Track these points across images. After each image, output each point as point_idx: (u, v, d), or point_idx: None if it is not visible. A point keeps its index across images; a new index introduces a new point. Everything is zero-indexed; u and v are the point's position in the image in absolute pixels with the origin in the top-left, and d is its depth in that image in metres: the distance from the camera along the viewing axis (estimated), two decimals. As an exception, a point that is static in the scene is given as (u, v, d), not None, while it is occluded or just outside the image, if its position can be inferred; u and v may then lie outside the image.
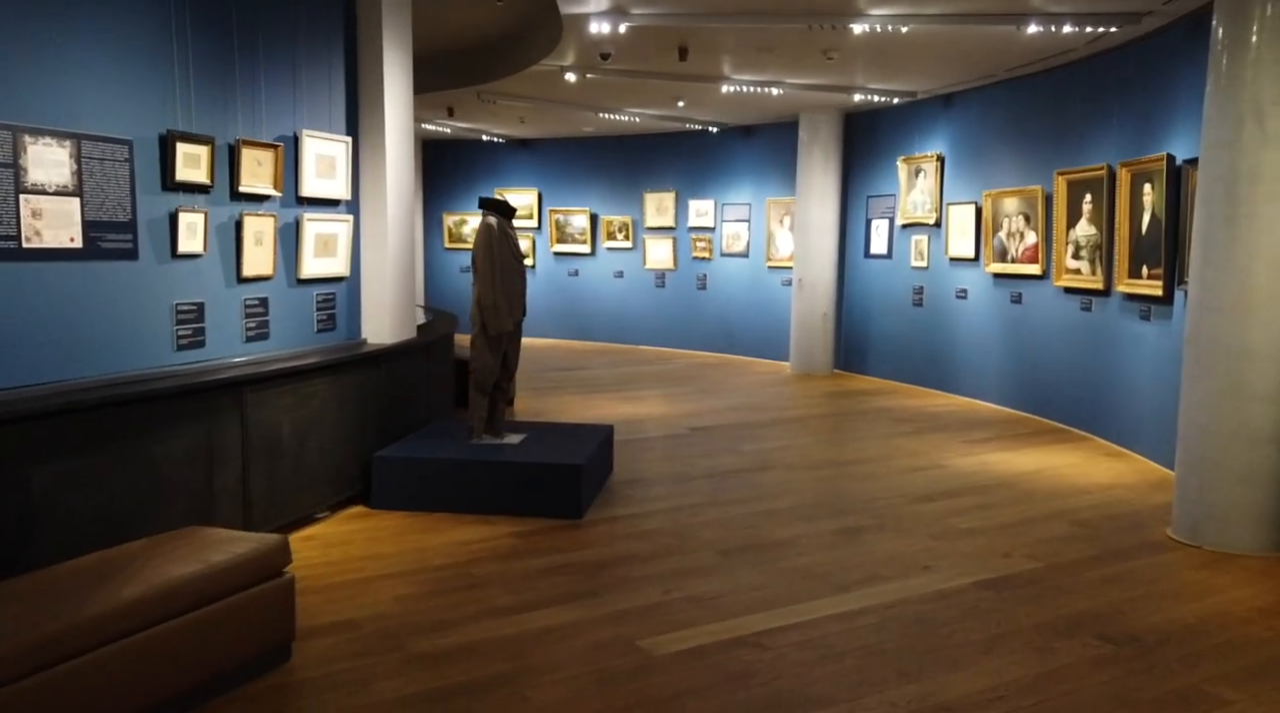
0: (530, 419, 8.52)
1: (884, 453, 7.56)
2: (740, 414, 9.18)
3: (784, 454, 7.44)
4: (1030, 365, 9.30)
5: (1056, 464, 7.26)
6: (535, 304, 16.30)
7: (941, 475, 6.84)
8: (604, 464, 6.38)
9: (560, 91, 10.36)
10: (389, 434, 5.98)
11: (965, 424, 8.84)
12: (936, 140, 10.70)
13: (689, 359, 13.37)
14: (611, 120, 12.53)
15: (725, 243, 13.76)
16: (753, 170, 13.37)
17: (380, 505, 5.56)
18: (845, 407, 9.79)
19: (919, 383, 11.08)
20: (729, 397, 10.24)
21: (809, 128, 11.86)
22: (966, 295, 10.26)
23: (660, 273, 14.52)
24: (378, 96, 5.93)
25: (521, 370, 12.61)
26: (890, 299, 11.53)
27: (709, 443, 7.82)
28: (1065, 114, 8.72)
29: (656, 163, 14.36)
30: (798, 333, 12.15)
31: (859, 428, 8.64)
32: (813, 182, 11.90)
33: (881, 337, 11.75)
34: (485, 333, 5.81)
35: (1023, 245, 9.28)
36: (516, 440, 6.06)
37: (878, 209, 11.74)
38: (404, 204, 6.27)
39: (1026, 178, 9.22)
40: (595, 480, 6.00)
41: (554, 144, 15.14)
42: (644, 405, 9.55)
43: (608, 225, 14.84)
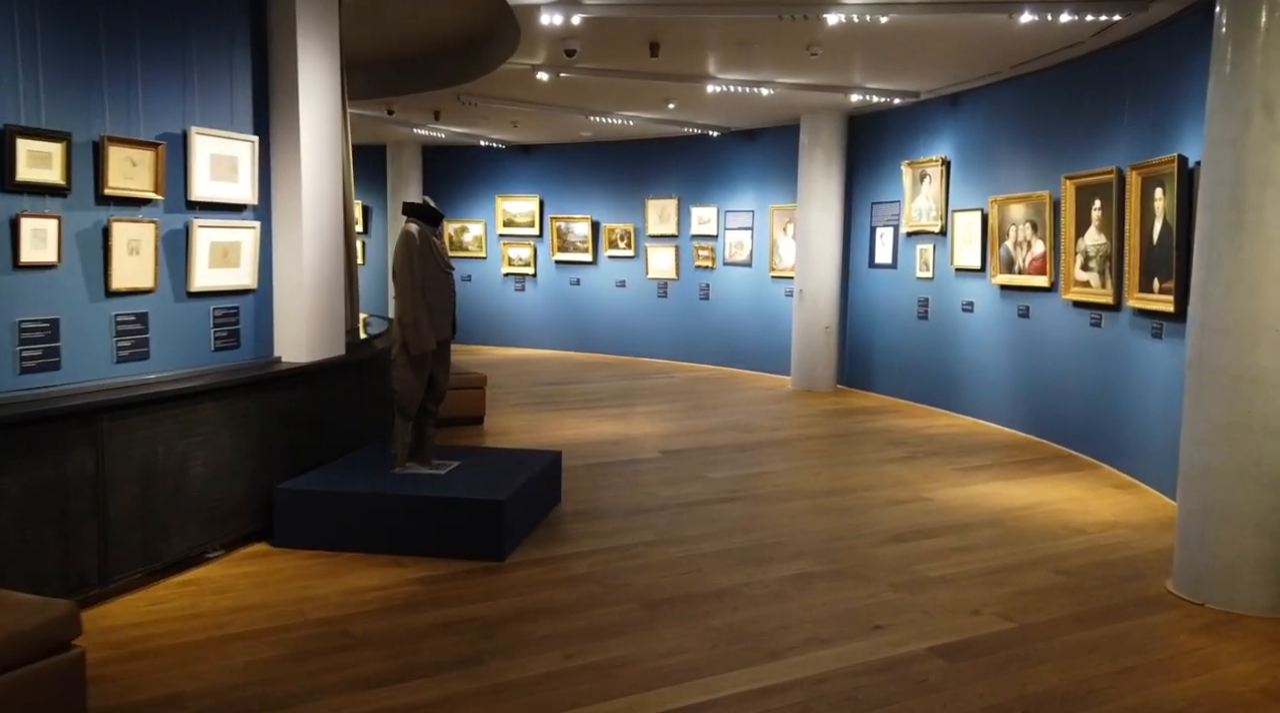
0: (477, 443, 8.02)
1: (867, 482, 6.93)
2: (725, 435, 8.59)
3: (756, 483, 6.85)
4: (1037, 385, 8.60)
5: (1055, 498, 6.58)
6: (537, 313, 15.96)
7: (924, 510, 6.20)
8: (544, 496, 5.85)
9: (539, 92, 9.88)
10: (306, 462, 5.50)
11: (964, 449, 8.17)
12: (942, 143, 10.03)
13: (690, 373, 12.80)
14: (609, 125, 12.03)
15: (728, 251, 13.17)
16: (755, 176, 12.77)
17: (284, 544, 5.07)
18: (840, 427, 9.16)
19: (923, 401, 10.40)
20: (719, 415, 9.66)
21: (810, 131, 11.25)
22: (973, 308, 9.57)
23: (663, 282, 13.98)
24: (291, 92, 5.45)
25: (510, 384, 12.41)
26: (894, 312, 10.86)
27: (679, 468, 7.26)
28: (1074, 114, 8.04)
29: (658, 168, 13.83)
30: (799, 347, 11.53)
31: (848, 452, 8.01)
32: (814, 187, 11.28)
33: (885, 351, 11.09)
34: (407, 352, 5.30)
35: (1030, 255, 8.59)
36: (445, 470, 5.55)
37: (882, 216, 11.08)
38: (327, 210, 5.77)
39: (1034, 182, 8.53)
40: (529, 515, 5.47)
41: (555, 150, 14.68)
42: (626, 424, 9.00)
43: (609, 233, 14.33)
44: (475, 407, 8.72)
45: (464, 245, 15.44)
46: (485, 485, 5.21)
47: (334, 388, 5.84)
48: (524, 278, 15.18)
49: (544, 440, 8.14)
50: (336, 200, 5.93)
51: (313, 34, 5.57)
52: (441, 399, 5.62)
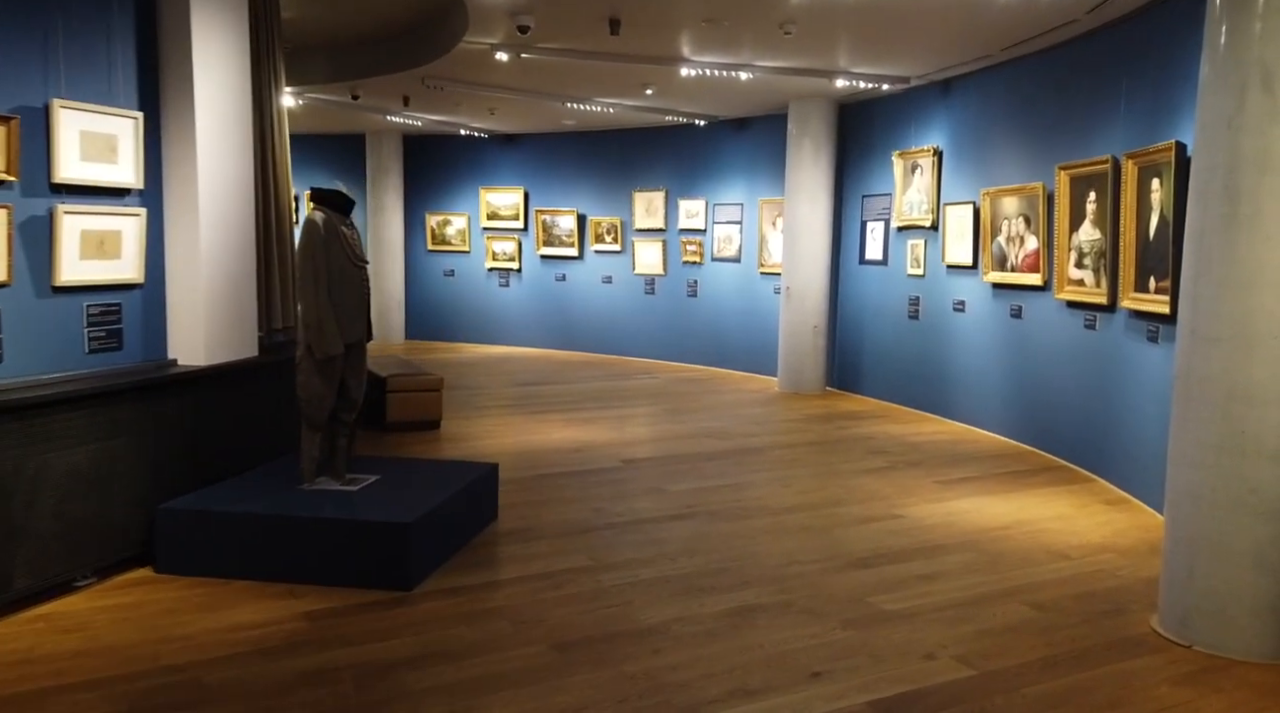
0: (426, 451, 7.54)
1: (837, 496, 6.41)
2: (695, 443, 8.08)
3: (716, 497, 6.34)
4: (1029, 391, 8.04)
5: (1040, 516, 6.03)
6: (522, 310, 15.42)
7: (893, 530, 5.67)
8: (474, 514, 5.36)
9: (505, 75, 9.38)
10: (206, 477, 5.03)
11: (949, 458, 7.62)
12: (934, 132, 9.46)
13: (675, 374, 12.29)
14: (592, 113, 11.52)
15: (717, 246, 12.64)
16: (745, 167, 12.23)
17: (168, 570, 4.60)
18: (821, 434, 8.62)
19: (913, 405, 9.85)
20: (695, 420, 9.14)
21: (798, 119, 10.70)
22: (964, 307, 9.01)
23: (650, 278, 13.46)
24: (184, 62, 4.94)
25: (485, 385, 11.85)
26: (885, 311, 10.31)
27: (637, 480, 6.75)
28: (1069, 99, 7.46)
29: (645, 159, 13.31)
30: (786, 347, 10.99)
31: (824, 462, 7.48)
32: (802, 179, 10.72)
33: (875, 353, 10.54)
34: (311, 356, 4.81)
35: (1023, 252, 8.03)
36: (360, 486, 5.07)
37: (873, 210, 10.52)
38: (233, 196, 5.26)
39: (1028, 173, 7.96)
40: (451, 537, 4.98)
41: (540, 140, 14.18)
42: (594, 429, 8.50)
43: (596, 227, 13.82)
44: (430, 410, 8.25)
45: (447, 239, 14.98)
46: (397, 505, 4.73)
47: (242, 394, 5.36)
48: (508, 273, 14.70)
49: (500, 448, 7.67)
50: (245, 186, 5.43)
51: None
52: (356, 408, 5.13)
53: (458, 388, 10.81)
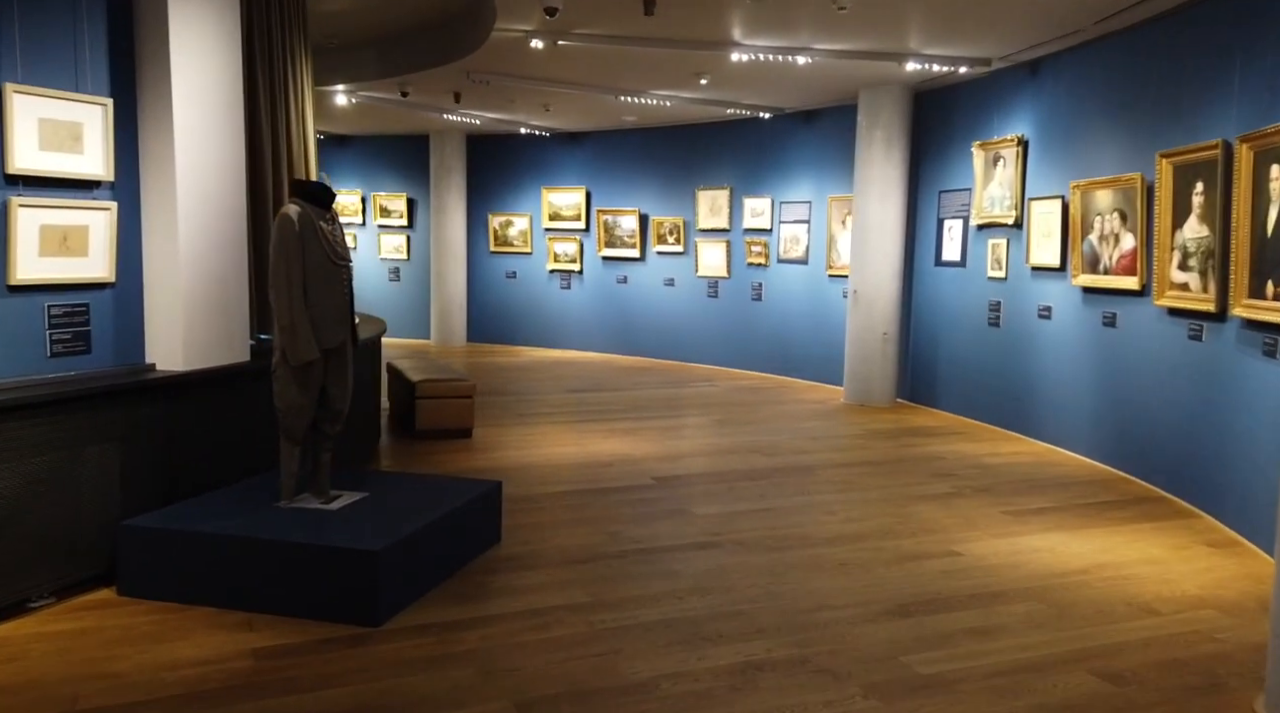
0: (449, 461, 7.07)
1: (888, 526, 5.67)
2: (739, 459, 7.41)
3: (747, 523, 5.67)
4: (1124, 409, 7.10)
5: (1127, 558, 5.17)
6: (583, 313, 14.90)
7: (947, 570, 4.92)
8: (470, 538, 4.84)
9: (549, 67, 8.91)
10: (184, 490, 4.64)
11: (1025, 484, 6.76)
12: (1019, 120, 8.56)
13: (736, 381, 11.61)
14: (651, 108, 10.97)
15: (783, 247, 11.91)
16: (813, 162, 11.47)
17: (130, 592, 4.20)
18: (882, 452, 7.84)
19: (993, 422, 8.95)
20: (746, 433, 8.47)
21: (869, 109, 9.90)
22: (1050, 314, 8.09)
23: (713, 281, 12.81)
24: (160, 47, 4.57)
25: (535, 390, 11.29)
26: (962, 317, 9.43)
27: (665, 501, 6.14)
28: (1172, 76, 6.53)
29: (709, 156, 12.68)
30: (853, 356, 10.20)
31: (880, 485, 6.72)
32: (872, 173, 9.92)
33: (951, 363, 9.65)
34: (287, 363, 4.37)
35: (1118, 252, 7.10)
36: (342, 504, 4.60)
37: (951, 206, 9.65)
38: (216, 190, 4.85)
39: (1124, 163, 7.04)
40: (437, 565, 4.47)
41: (601, 138, 13.70)
42: (633, 441, 7.92)
43: (658, 227, 13.25)
44: (462, 418, 7.80)
45: (509, 240, 14.63)
46: (374, 529, 4.24)
47: (228, 402, 4.96)
48: (570, 275, 14.25)
49: (529, 460, 7.16)
50: (233, 180, 5.02)
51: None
52: (339, 419, 4.66)
53: (505, 394, 10.39)
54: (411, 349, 13.90)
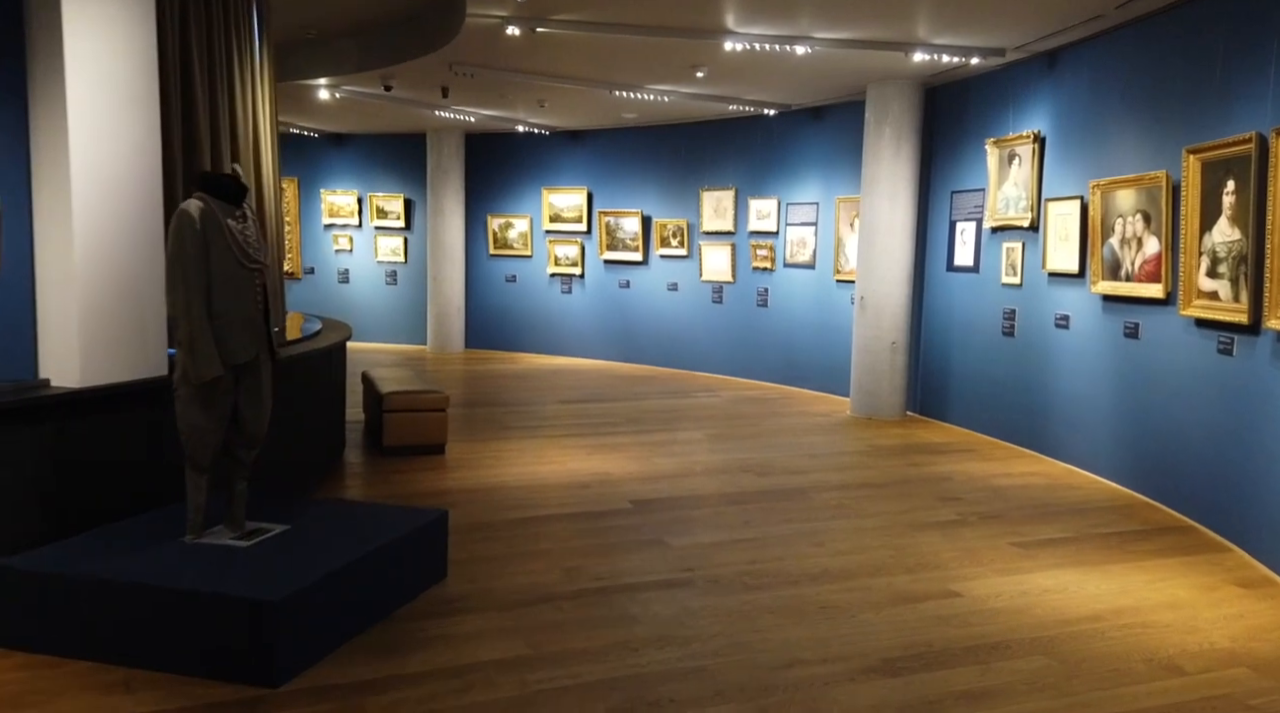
0: (415, 482, 6.58)
1: (882, 561, 5.11)
2: (728, 480, 6.88)
3: (725, 556, 5.14)
4: (1147, 427, 6.50)
5: (1148, 601, 4.59)
6: (584, 319, 14.39)
7: (944, 615, 4.36)
8: (403, 578, 4.34)
9: (532, 58, 8.43)
10: (69, 524, 4.16)
11: (1039, 510, 6.18)
12: (1035, 115, 7.97)
13: (740, 392, 11.06)
14: (651, 104, 10.47)
15: (789, 251, 11.35)
16: (821, 162, 10.91)
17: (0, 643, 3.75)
18: (884, 472, 7.27)
19: (1006, 438, 8.35)
20: (740, 450, 7.93)
21: (877, 104, 9.33)
22: (1068, 323, 7.49)
23: (718, 286, 12.28)
24: (53, 23, 4.10)
25: (528, 400, 10.65)
26: (975, 325, 8.84)
27: (639, 529, 5.62)
28: (1202, 65, 5.93)
29: (713, 155, 12.15)
30: (859, 366, 9.63)
31: (878, 511, 6.16)
32: (880, 173, 9.35)
33: (963, 374, 9.06)
34: (189, 381, 3.89)
35: (1141, 257, 6.50)
36: (258, 540, 4.12)
37: (964, 208, 9.06)
38: (122, 189, 4.37)
39: (1148, 160, 6.44)
40: (359, 610, 3.98)
41: (603, 136, 13.20)
42: (617, 459, 7.41)
43: (661, 229, 12.74)
44: (434, 433, 7.32)
45: (509, 243, 14.17)
46: (284, 572, 3.76)
47: (136, 423, 4.49)
48: (571, 279, 13.77)
49: (500, 480, 6.67)
50: (144, 179, 4.52)
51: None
52: (256, 444, 4.18)
53: (494, 405, 9.93)
54: (407, 356, 13.49)
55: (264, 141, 6.54)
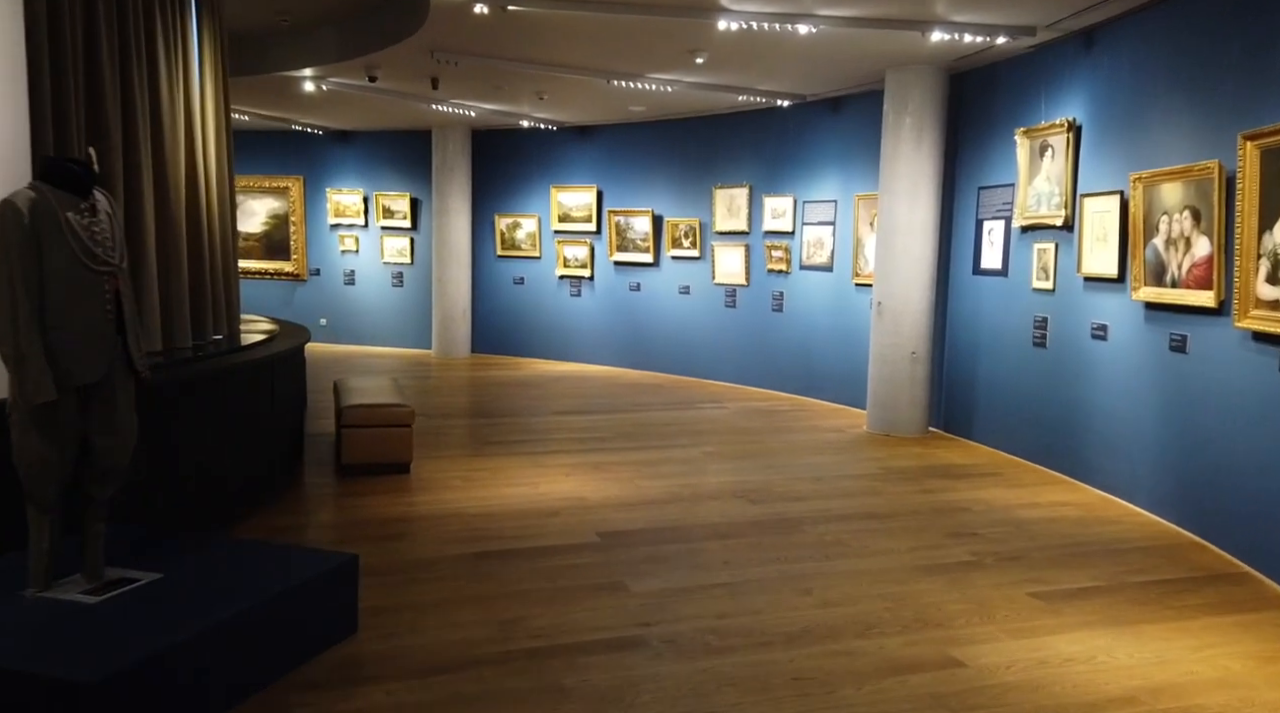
0: (360, 509, 5.94)
1: (874, 615, 4.37)
2: (715, 507, 6.17)
3: (690, 607, 4.43)
4: (1196, 453, 5.66)
5: (1198, 675, 3.80)
6: (594, 323, 13.69)
7: (942, 693, 3.61)
8: (297, 637, 3.70)
9: (514, 43, 7.80)
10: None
11: (1067, 550, 5.38)
12: (1070, 101, 7.14)
13: (751, 402, 10.32)
14: (657, 96, 9.80)
15: (806, 252, 10.58)
16: (839, 157, 10.13)
17: None
18: (894, 500, 6.50)
19: (1037, 460, 7.53)
20: (737, 470, 7.21)
21: (896, 92, 8.54)
22: (1105, 334, 6.66)
23: (731, 289, 11.54)
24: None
25: (516, 410, 9.94)
26: (1003, 334, 8.01)
27: (597, 568, 4.93)
28: (1261, 38, 5.10)
29: (727, 151, 11.43)
30: (877, 377, 8.84)
31: (879, 548, 5.40)
32: (899, 168, 8.55)
33: (990, 388, 8.24)
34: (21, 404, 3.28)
35: (1189, 259, 5.67)
36: (115, 593, 3.49)
37: (991, 205, 8.24)
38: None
39: (1198, 148, 5.61)
40: (226, 684, 3.34)
41: (612, 131, 12.54)
42: (596, 481, 6.73)
43: (672, 229, 12.03)
44: (397, 451, 6.71)
45: (517, 243, 13.55)
46: (122, 638, 3.13)
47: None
48: (580, 281, 13.11)
49: (461, 505, 6.03)
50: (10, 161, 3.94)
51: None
52: (112, 479, 3.55)
53: (484, 415, 9.32)
54: (410, 362, 12.95)
55: (206, 133, 5.97)
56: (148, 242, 5.08)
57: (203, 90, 5.93)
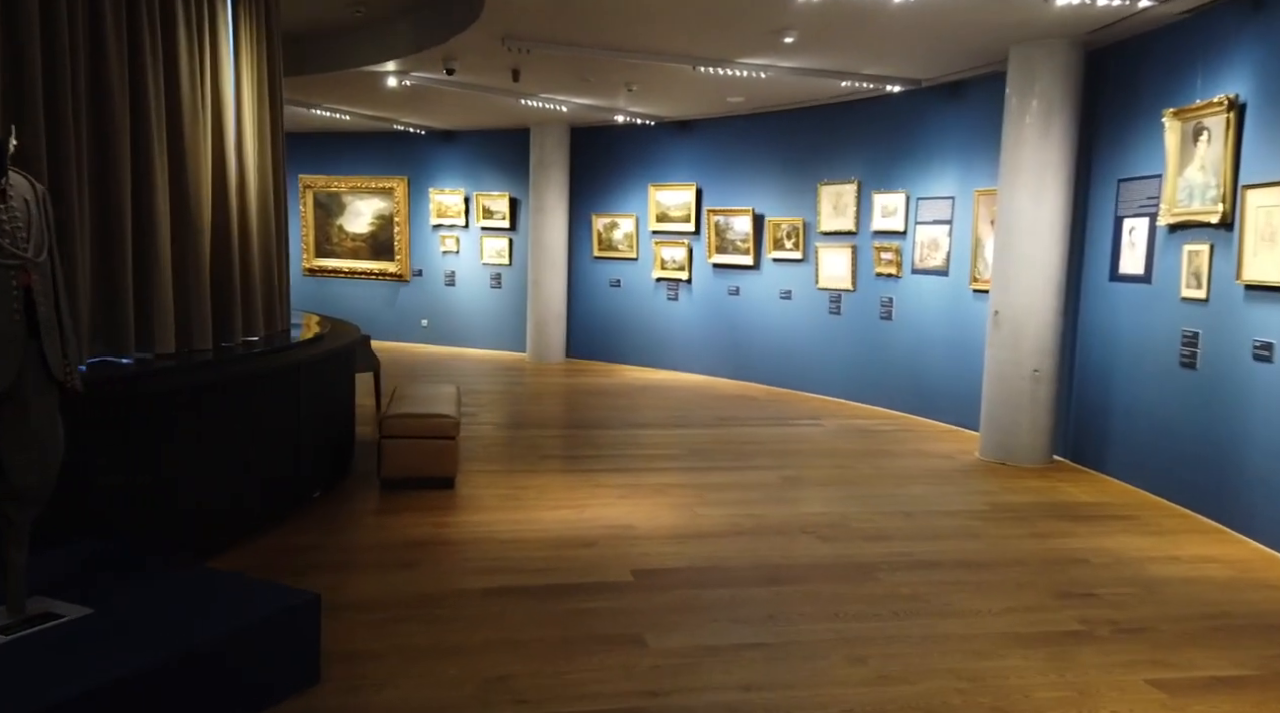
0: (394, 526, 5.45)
1: (941, 700, 3.51)
2: (779, 544, 5.37)
3: (716, 674, 3.68)
4: (1386, 514, 4.47)
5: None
6: (690, 329, 12.92)
7: (1006, 826, 2.76)
8: (241, 690, 3.19)
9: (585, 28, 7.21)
10: None
11: (1209, 622, 4.32)
12: (1232, 74, 5.97)
13: (852, 420, 9.40)
14: (757, 85, 9.08)
15: (919, 254, 9.56)
16: (959, 148, 9.07)
17: None
18: (1000, 545, 5.52)
19: (1182, 502, 6.35)
20: (819, 499, 6.39)
21: (1020, 73, 7.48)
22: (1271, 354, 5.49)
23: (835, 295, 10.62)
24: None
25: (592, 421, 9.27)
26: (1145, 351, 6.85)
27: (619, 616, 4.25)
28: None
29: (833, 143, 10.52)
30: (992, 398, 7.79)
31: (972, 606, 4.49)
32: (1023, 159, 7.49)
33: (1128, 413, 7.06)
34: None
35: (1383, 263, 4.49)
36: (33, 631, 3.06)
37: (1133, 200, 7.08)
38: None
39: (1398, 123, 4.43)
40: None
41: (712, 126, 11.82)
42: (650, 506, 6.04)
43: (774, 230, 11.21)
44: (441, 464, 6.22)
45: (613, 244, 13.01)
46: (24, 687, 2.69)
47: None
48: (677, 284, 12.44)
49: (496, 529, 5.48)
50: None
51: None
52: (30, 500, 3.11)
53: (555, 426, 8.79)
54: (503, 366, 12.62)
55: (243, 129, 5.65)
56: (160, 239, 4.75)
57: (239, 83, 5.61)
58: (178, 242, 4.99)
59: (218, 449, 4.71)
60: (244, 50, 5.67)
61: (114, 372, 4.41)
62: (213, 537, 4.71)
